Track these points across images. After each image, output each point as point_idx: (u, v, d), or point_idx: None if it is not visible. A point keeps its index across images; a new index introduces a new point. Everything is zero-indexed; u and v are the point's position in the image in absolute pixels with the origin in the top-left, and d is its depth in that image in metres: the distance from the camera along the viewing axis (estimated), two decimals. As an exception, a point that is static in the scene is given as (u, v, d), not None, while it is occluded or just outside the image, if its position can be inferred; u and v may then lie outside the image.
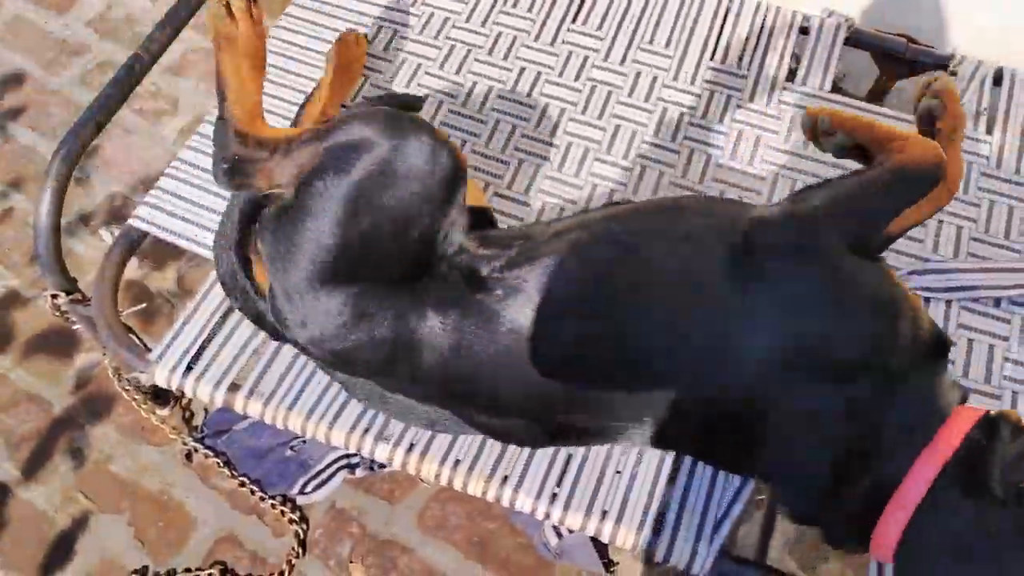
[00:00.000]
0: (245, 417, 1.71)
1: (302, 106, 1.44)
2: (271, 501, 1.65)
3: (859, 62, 1.66)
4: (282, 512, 1.64)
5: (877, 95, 1.66)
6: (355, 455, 1.67)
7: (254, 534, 1.64)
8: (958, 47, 1.56)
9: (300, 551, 1.62)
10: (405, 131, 1.06)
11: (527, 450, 1.20)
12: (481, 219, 1.20)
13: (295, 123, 1.43)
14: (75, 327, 1.38)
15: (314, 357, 1.12)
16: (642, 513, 1.16)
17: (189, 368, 1.26)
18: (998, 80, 1.53)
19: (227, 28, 1.12)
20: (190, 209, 1.40)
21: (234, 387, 1.25)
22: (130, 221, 1.39)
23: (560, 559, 1.60)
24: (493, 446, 1.20)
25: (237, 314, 1.28)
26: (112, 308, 1.31)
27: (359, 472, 1.68)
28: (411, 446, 1.20)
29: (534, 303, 1.04)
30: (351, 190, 1.03)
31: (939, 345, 1.07)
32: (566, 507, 1.16)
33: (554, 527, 1.59)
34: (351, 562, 1.62)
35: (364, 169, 1.04)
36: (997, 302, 1.33)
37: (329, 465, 1.67)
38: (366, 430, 1.21)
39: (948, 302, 1.32)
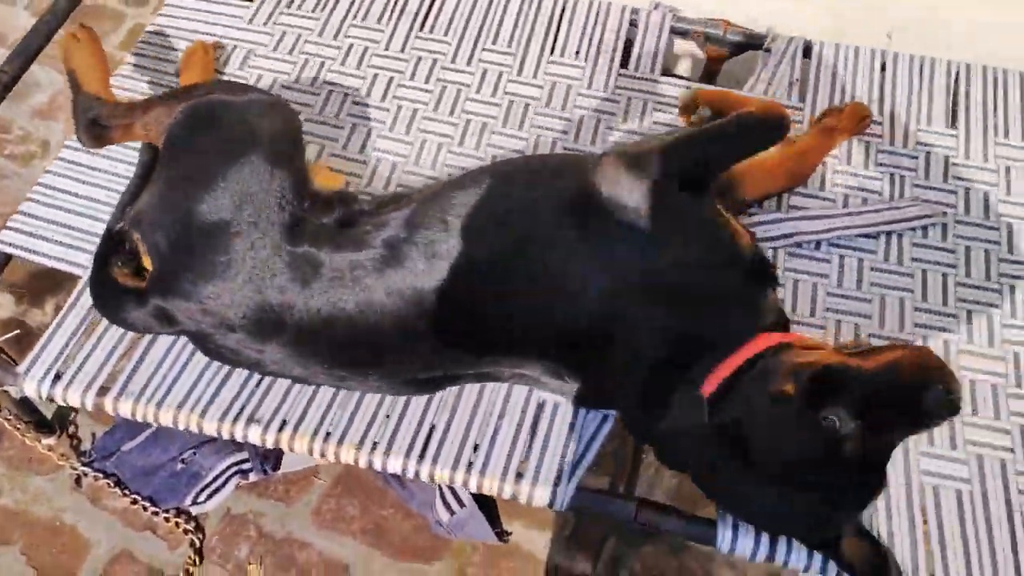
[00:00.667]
0: (133, 437, 1.74)
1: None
2: (164, 515, 1.67)
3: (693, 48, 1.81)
4: (176, 524, 1.66)
5: (710, 76, 1.81)
6: (246, 460, 1.71)
7: (149, 548, 1.66)
8: (772, 27, 1.72)
9: (197, 559, 1.63)
10: (247, 90, 1.33)
11: (395, 416, 1.27)
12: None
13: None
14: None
15: (203, 330, 1.21)
16: (505, 461, 1.23)
17: (58, 377, 1.30)
18: (807, 52, 1.70)
19: (72, 43, 1.45)
20: (53, 229, 1.45)
21: (103, 390, 1.29)
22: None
23: (455, 534, 1.66)
24: (363, 416, 1.27)
25: (103, 322, 1.33)
26: (-20, 326, 1.33)
27: (252, 476, 1.72)
28: (283, 424, 1.26)
29: (405, 234, 1.19)
30: (216, 137, 1.23)
31: (760, 272, 1.19)
32: (434, 462, 1.23)
33: (445, 503, 1.65)
34: (249, 564, 1.65)
35: (224, 119, 1.26)
36: (817, 245, 1.46)
37: (221, 473, 1.69)
38: (237, 416, 1.27)
39: (775, 249, 1.45)
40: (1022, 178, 1.54)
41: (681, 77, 1.72)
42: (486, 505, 1.68)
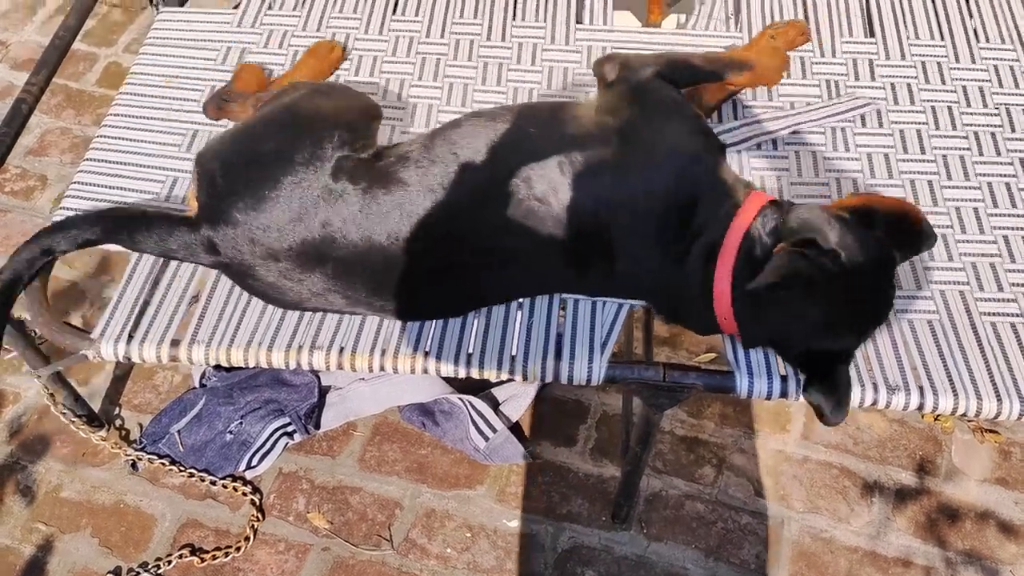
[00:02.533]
0: (179, 419, 1.86)
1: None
2: (222, 482, 1.79)
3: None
4: (234, 488, 1.78)
5: (655, 24, 2.02)
6: (289, 424, 1.84)
7: (213, 513, 1.77)
8: (703, -27, 1.95)
9: (260, 515, 1.76)
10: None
11: (440, 326, 1.43)
12: None
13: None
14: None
15: (246, 262, 1.37)
16: (543, 348, 1.40)
17: (131, 337, 1.43)
18: (738, -9, 1.93)
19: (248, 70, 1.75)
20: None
21: (175, 343, 1.42)
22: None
23: (491, 459, 1.82)
24: (412, 329, 1.43)
25: (166, 279, 1.48)
26: (46, 308, 1.45)
27: (297, 437, 1.85)
28: (341, 349, 1.41)
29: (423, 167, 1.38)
30: (288, 102, 1.50)
31: (723, 147, 1.46)
32: (480, 361, 1.39)
33: (479, 431, 1.81)
34: (308, 512, 1.77)
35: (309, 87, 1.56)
36: (775, 144, 1.67)
37: (268, 438, 1.83)
38: (300, 346, 1.41)
39: (739, 152, 1.65)
40: (935, 69, 1.78)
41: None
42: (514, 430, 1.84)
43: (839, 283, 1.26)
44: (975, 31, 1.84)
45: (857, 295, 1.29)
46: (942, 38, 1.84)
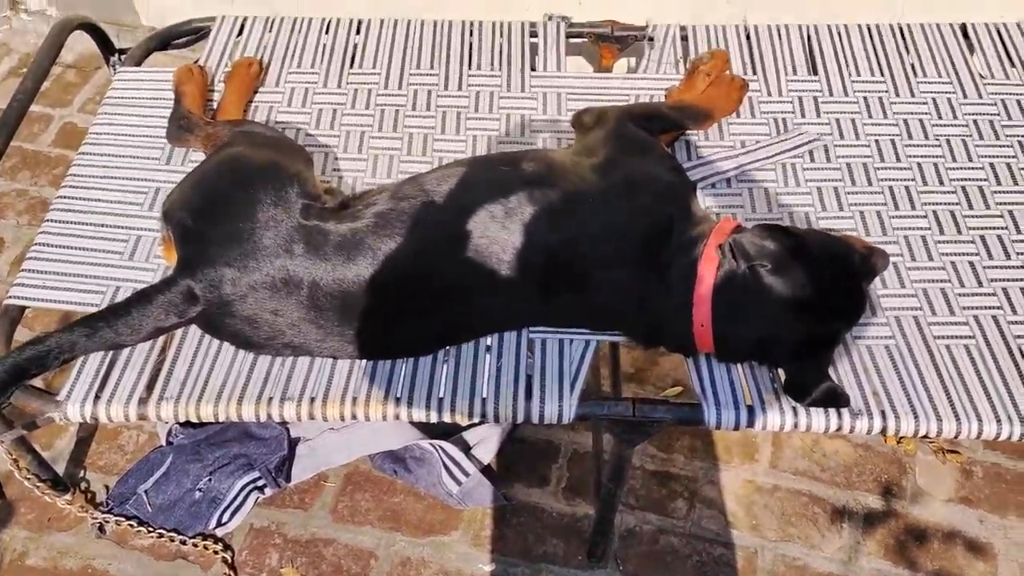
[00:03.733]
0: (146, 479, 1.84)
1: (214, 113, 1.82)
2: (192, 541, 1.76)
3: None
4: (205, 547, 1.76)
5: (607, 69, 2.08)
6: (259, 478, 1.82)
7: (185, 574, 1.74)
8: (650, 19, 2.01)
9: (232, 573, 1.73)
10: (281, 132, 1.73)
11: (410, 370, 1.44)
12: None
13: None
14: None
15: (224, 299, 1.38)
16: (513, 390, 1.42)
17: (97, 397, 1.41)
18: (684, 37, 1.99)
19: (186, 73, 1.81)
20: (58, 279, 1.57)
21: (143, 400, 1.41)
22: (6, 301, 1.54)
23: (464, 503, 1.82)
24: (381, 375, 1.43)
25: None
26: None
27: (268, 491, 1.83)
28: (312, 399, 1.41)
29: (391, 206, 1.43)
30: (248, 147, 1.56)
31: (693, 183, 1.56)
32: (452, 403, 1.40)
33: (452, 476, 1.81)
34: (282, 569, 1.75)
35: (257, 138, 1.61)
36: (729, 182, 1.72)
37: (238, 493, 1.81)
38: (271, 397, 1.41)
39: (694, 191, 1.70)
40: (877, 104, 1.85)
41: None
42: (486, 473, 1.85)
43: (806, 276, 1.36)
44: (912, 66, 1.92)
45: (824, 284, 1.37)
46: (882, 74, 1.91)
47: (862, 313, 1.43)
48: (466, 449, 1.85)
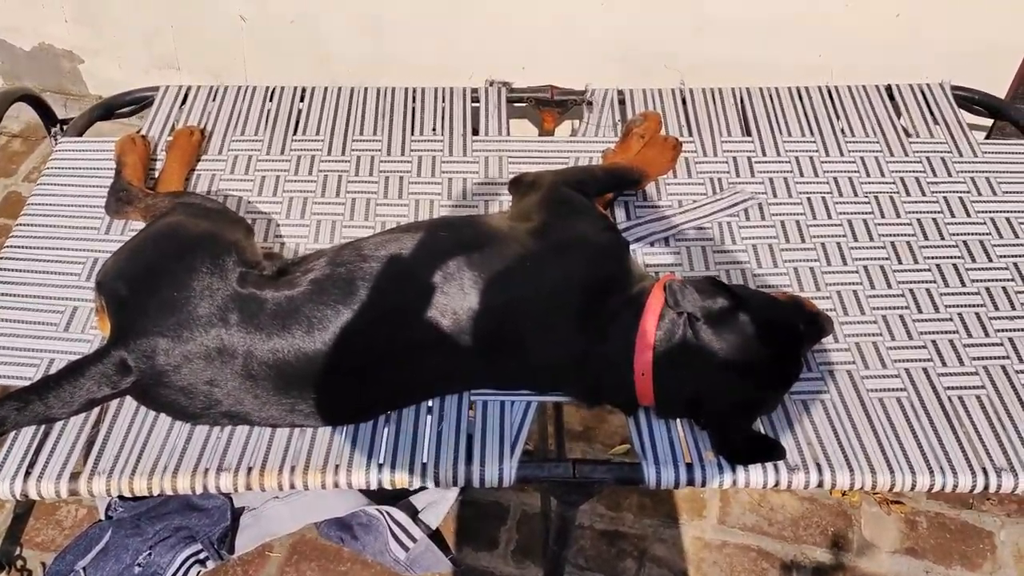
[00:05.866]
0: (84, 555, 1.79)
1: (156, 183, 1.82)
2: (131, 619, 1.72)
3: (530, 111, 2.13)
4: (145, 624, 1.71)
5: (548, 132, 2.13)
6: (201, 551, 1.78)
7: (122, 653, 1.69)
8: (589, 83, 2.07)
9: (172, 651, 1.69)
10: (221, 203, 1.70)
11: (350, 436, 1.43)
12: None
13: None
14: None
15: (157, 369, 1.36)
16: (453, 453, 1.41)
17: (28, 472, 1.38)
18: (622, 100, 2.05)
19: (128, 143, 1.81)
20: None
21: (75, 475, 1.38)
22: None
23: (412, 569, 1.79)
24: (321, 443, 1.42)
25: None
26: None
27: (210, 564, 1.80)
28: (249, 469, 1.39)
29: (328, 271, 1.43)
30: (184, 217, 1.55)
31: (627, 242, 1.60)
32: (392, 468, 1.39)
33: (399, 542, 1.79)
34: (224, 644, 1.71)
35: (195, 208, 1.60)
36: (667, 241, 1.76)
37: (180, 567, 1.77)
38: (207, 468, 1.39)
39: (632, 251, 1.73)
40: (808, 164, 1.91)
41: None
42: (435, 537, 1.83)
43: (744, 339, 1.38)
44: (843, 129, 1.99)
45: (762, 350, 1.39)
46: (812, 135, 1.98)
47: (796, 380, 1.45)
48: (414, 513, 1.84)
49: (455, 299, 1.40)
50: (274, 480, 1.39)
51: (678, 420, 1.46)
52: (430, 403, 1.49)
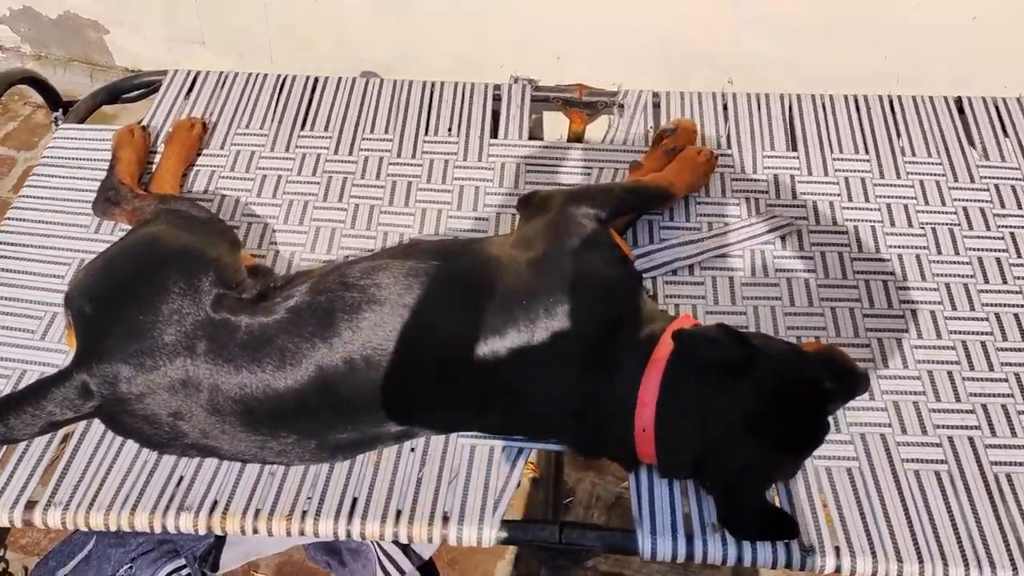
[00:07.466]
0: (66, 563, 1.74)
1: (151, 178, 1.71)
2: (106, 636, 1.66)
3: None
4: (120, 643, 1.65)
5: (577, 138, 1.97)
6: (184, 566, 1.71)
7: (95, 671, 1.64)
8: (622, 84, 1.89)
9: (145, 673, 1.63)
10: (210, 212, 1.58)
11: (321, 482, 1.32)
12: None
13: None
14: None
15: (121, 396, 1.27)
16: (431, 508, 1.30)
17: (-16, 498, 1.31)
18: (657, 104, 1.87)
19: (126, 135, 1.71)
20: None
21: (30, 504, 1.31)
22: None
23: (399, 604, 1.70)
24: (289, 487, 1.32)
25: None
26: None
27: (191, 584, 1.72)
28: (213, 506, 1.30)
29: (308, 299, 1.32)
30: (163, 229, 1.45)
31: (639, 276, 1.46)
32: (363, 519, 1.28)
33: (387, 573, 1.69)
34: (198, 669, 1.64)
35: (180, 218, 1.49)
36: (691, 270, 1.60)
37: (159, 585, 1.70)
38: (167, 507, 1.30)
39: (653, 279, 1.58)
40: (859, 186, 1.72)
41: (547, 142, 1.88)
42: (426, 567, 1.73)
43: (760, 396, 1.24)
44: (902, 148, 1.78)
45: (779, 410, 1.24)
46: (866, 152, 1.78)
47: (819, 444, 1.29)
48: (405, 543, 1.74)
49: (440, 339, 1.28)
50: (236, 524, 1.29)
51: (685, 481, 1.32)
52: (412, 444, 1.37)
